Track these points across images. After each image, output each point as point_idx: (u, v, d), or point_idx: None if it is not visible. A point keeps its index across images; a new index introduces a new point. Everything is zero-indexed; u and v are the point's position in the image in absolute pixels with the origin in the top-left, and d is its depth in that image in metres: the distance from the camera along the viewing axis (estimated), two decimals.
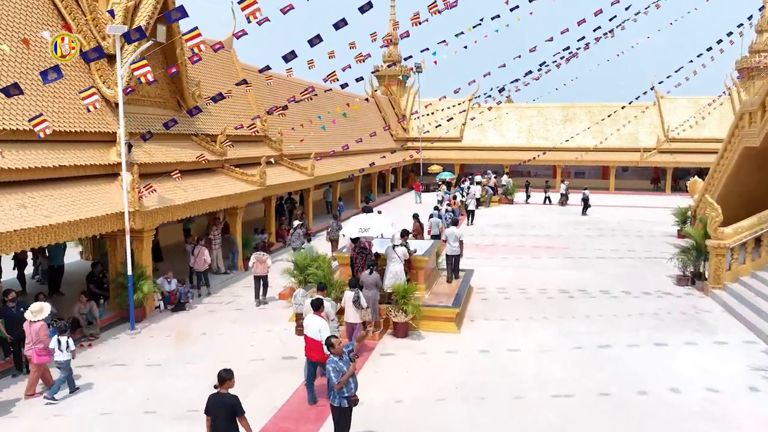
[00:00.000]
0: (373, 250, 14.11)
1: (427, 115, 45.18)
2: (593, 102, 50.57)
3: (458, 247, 15.98)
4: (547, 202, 37.31)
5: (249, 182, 18.60)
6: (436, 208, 26.19)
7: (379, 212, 27.38)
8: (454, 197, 32.66)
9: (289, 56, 12.76)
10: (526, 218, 31.27)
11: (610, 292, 16.28)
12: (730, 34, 24.49)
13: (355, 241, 13.88)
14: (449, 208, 29.90)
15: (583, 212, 32.30)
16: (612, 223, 29.54)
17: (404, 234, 14.14)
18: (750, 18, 23.58)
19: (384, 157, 26.87)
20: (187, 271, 16.46)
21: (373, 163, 28.68)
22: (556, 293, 16.21)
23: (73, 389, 10.02)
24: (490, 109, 29.17)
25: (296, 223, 21.60)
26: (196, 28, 11.25)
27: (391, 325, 12.71)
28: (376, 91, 50.17)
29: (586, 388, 10.17)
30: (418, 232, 18.42)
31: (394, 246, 13.38)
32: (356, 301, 11.63)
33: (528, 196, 39.01)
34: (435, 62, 21.27)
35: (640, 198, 41.91)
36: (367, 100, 20.74)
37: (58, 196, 11.94)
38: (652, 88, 46.42)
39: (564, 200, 36.78)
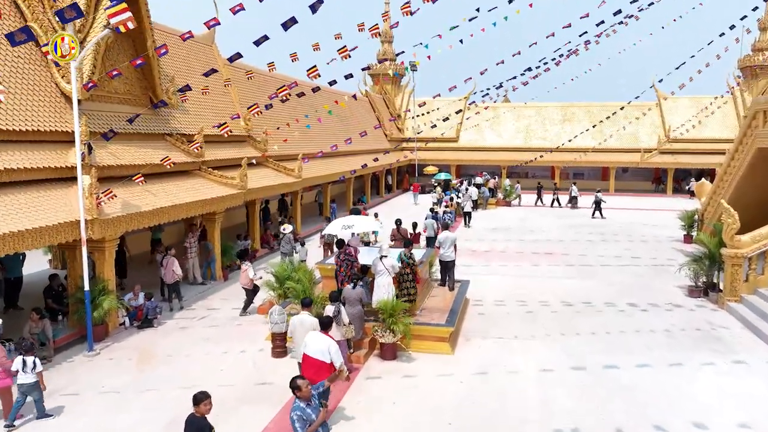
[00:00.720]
0: (360, 260, 12.89)
1: (422, 114, 44.00)
2: (592, 101, 49.48)
3: (453, 252, 14.81)
4: (556, 204, 35.96)
5: (228, 185, 17.33)
6: (432, 210, 25.19)
7: (375, 215, 26.64)
8: (451, 199, 31.57)
9: (261, 40, 11.51)
10: (525, 222, 30.08)
11: (616, 305, 15.07)
12: (732, 27, 23.35)
13: (340, 245, 12.64)
14: (447, 210, 28.89)
15: (593, 215, 31.02)
16: (614, 226, 28.36)
17: (407, 244, 12.88)
18: (755, 9, 22.42)
19: (376, 159, 25.61)
20: (159, 282, 15.19)
21: (365, 165, 27.48)
22: (558, 306, 14.99)
23: (43, 415, 8.94)
24: (486, 108, 28.00)
25: (287, 227, 20.48)
26: (123, 1, 9.95)
27: (377, 346, 11.47)
28: (366, 93, 48.92)
29: (596, 420, 8.95)
30: (397, 239, 17.17)
31: (381, 256, 12.16)
32: (336, 317, 10.43)
33: (539, 199, 37.39)
34: (429, 57, 20.07)
35: (642, 200, 40.80)
36: (354, 97, 19.43)
37: (4, 203, 10.66)
38: (651, 87, 45.53)
39: (575, 203, 35.40)
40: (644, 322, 13.67)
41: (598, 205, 31.20)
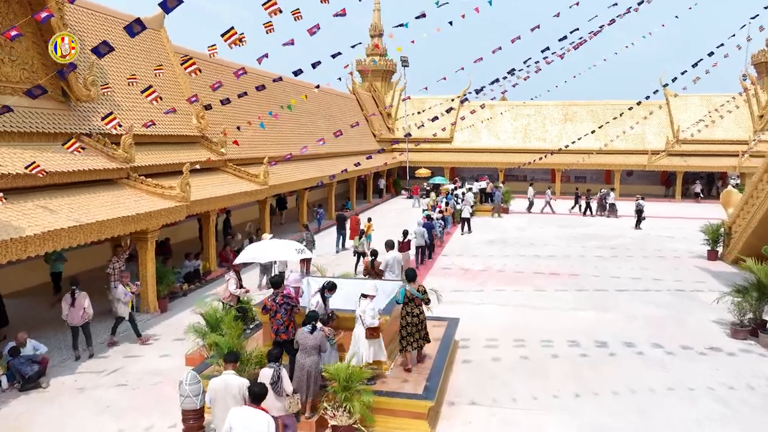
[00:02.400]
0: (312, 300, 9.80)
1: (417, 113, 40.97)
2: (595, 100, 46.47)
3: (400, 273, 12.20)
4: (589, 213, 32.39)
5: (166, 197, 14.19)
6: (428, 217, 22.37)
7: (369, 219, 22.92)
8: (447, 203, 28.70)
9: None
10: (525, 232, 27.00)
11: (641, 349, 11.97)
12: (755, 17, 20.44)
13: (276, 285, 9.57)
14: (441, 216, 26.01)
15: (638, 225, 27.88)
16: (625, 238, 25.30)
17: (411, 277, 10.02)
18: (767, 8, 19.46)
19: (357, 164, 22.51)
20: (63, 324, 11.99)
21: (346, 170, 24.37)
22: (568, 351, 11.88)
23: None
24: (483, 105, 25.06)
25: (268, 236, 17.56)
26: None
27: (329, 427, 8.36)
28: (353, 90, 45.85)
29: None
30: (369, 272, 14.08)
31: (363, 296, 9.19)
32: (275, 384, 7.41)
33: (577, 206, 33.69)
34: (413, 41, 16.96)
35: (649, 206, 37.44)
36: (318, 86, 16.23)
37: None
38: (665, 86, 42.40)
39: (613, 211, 31.79)
40: (680, 376, 10.59)
41: (640, 214, 27.89)
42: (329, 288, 9.69)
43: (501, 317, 14.00)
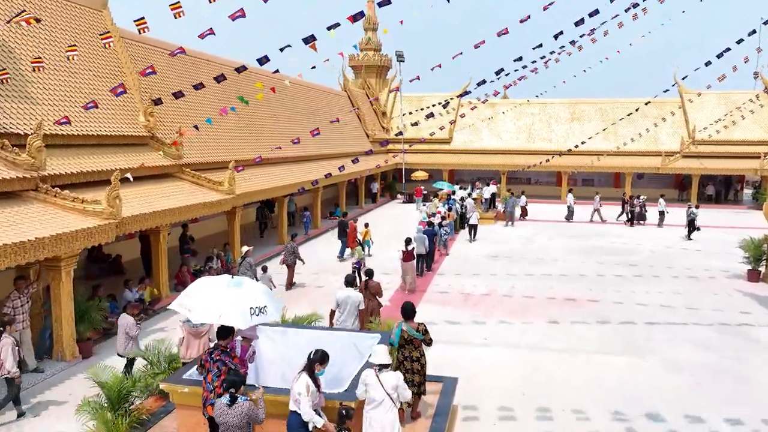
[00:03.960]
0: (296, 390, 6.63)
1: (415, 112, 38.05)
2: (604, 97, 43.57)
3: (356, 322, 9.75)
4: (641, 222, 29.20)
5: (88, 214, 11.26)
6: (430, 224, 19.87)
7: (366, 225, 20.95)
8: (450, 209, 26.06)
9: None
10: (531, 243, 24.09)
11: (700, 418, 9.06)
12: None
13: (222, 334, 6.74)
14: (445, 222, 23.52)
15: (689, 236, 24.97)
16: (644, 251, 22.40)
17: (409, 314, 8.16)
18: None
19: (342, 168, 19.62)
20: None
21: (330, 174, 21.46)
22: (603, 421, 8.96)
23: None
24: (485, 101, 22.24)
25: (244, 249, 15.05)
26: None
27: None
28: (345, 87, 42.98)
29: None
30: (365, 295, 11.10)
31: (376, 366, 6.48)
32: None
33: (625, 213, 29.97)
34: (401, 22, 14.08)
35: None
36: (277, 71, 13.30)
37: None
38: (684, 77, 39.49)
39: (662, 220, 28.54)
40: None
41: (692, 223, 24.83)
42: (320, 360, 6.35)
43: (512, 367, 11.06)
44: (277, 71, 12.46)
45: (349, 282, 10.33)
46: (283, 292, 16.61)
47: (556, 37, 15.98)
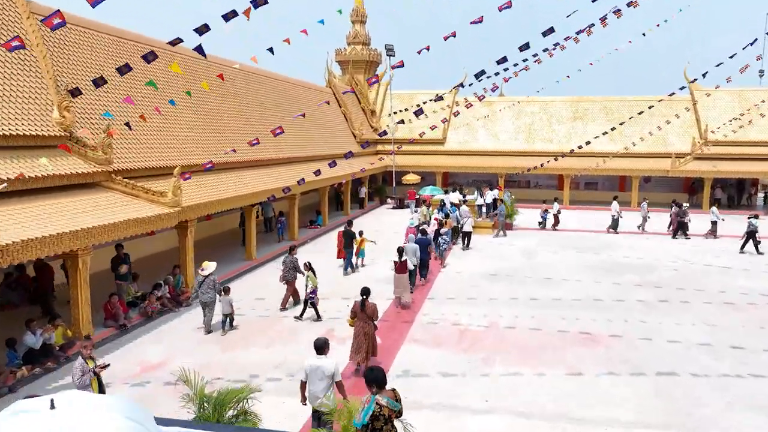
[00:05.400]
0: None
1: (402, 111, 35.18)
2: (609, 95, 40.78)
3: (330, 392, 7.50)
4: (681, 234, 25.34)
5: None
6: (422, 232, 17.23)
7: (360, 233, 19.03)
8: (447, 215, 23.45)
9: None
10: (534, 258, 21.19)
11: None
12: None
13: None
14: (443, 230, 21.00)
15: (743, 248, 21.95)
16: (664, 268, 19.54)
17: (380, 382, 6.20)
18: None
19: (317, 172, 16.70)
20: None
21: (303, 180, 18.51)
22: None
23: None
24: (482, 98, 19.41)
25: (208, 265, 12.90)
26: None
27: None
28: (330, 84, 40.08)
29: None
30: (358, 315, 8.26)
31: None
32: None
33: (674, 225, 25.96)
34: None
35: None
36: (201, 51, 10.27)
37: None
38: (687, 79, 36.73)
39: (713, 231, 25.18)
40: None
41: (752, 235, 21.54)
42: None
43: None
44: (197, 50, 9.49)
45: (319, 347, 7.71)
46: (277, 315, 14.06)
47: (545, 34, 13.16)
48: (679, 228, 25.45)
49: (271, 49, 11.61)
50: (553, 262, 20.48)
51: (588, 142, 28.48)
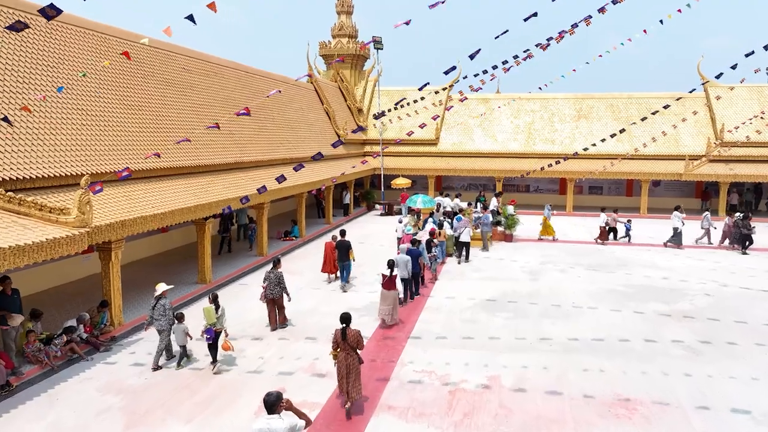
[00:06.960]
0: None
1: (392, 109, 32.04)
2: (616, 92, 37.74)
3: None
4: (737, 246, 22.38)
5: None
6: (414, 242, 16.60)
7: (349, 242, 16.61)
8: (441, 225, 20.72)
9: None
10: (540, 281, 18.02)
11: None
12: None
13: None
14: (436, 241, 18.73)
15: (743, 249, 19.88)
16: (694, 293, 16.45)
17: None
18: None
19: (280, 178, 13.53)
20: None
21: (264, 187, 15.30)
22: None
23: None
24: (479, 89, 16.41)
25: (161, 287, 10.67)
26: None
27: None
28: (312, 79, 36.97)
29: None
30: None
31: None
32: None
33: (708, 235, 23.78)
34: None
35: (691, 225, 28.66)
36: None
37: None
38: (708, 80, 33.69)
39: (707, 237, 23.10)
40: None
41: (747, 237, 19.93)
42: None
43: None
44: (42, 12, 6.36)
45: (271, 405, 5.36)
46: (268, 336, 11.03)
47: (525, 19, 10.04)
48: (744, 240, 22.16)
49: (191, 17, 8.48)
50: (562, 285, 17.36)
51: (594, 144, 25.41)
